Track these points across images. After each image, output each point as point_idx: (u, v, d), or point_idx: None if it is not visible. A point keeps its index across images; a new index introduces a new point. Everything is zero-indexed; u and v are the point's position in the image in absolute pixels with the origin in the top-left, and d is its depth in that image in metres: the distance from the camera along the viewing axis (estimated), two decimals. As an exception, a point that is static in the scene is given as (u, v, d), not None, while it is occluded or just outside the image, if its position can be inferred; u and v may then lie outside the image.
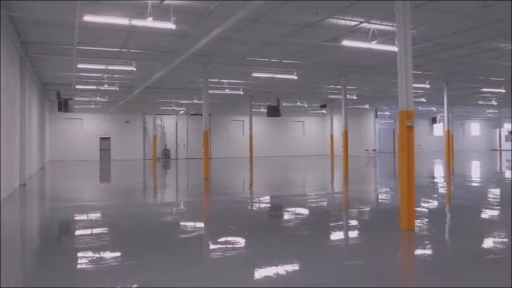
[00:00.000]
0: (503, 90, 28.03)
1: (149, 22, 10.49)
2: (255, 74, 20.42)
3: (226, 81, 23.73)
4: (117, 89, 24.04)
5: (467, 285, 4.73)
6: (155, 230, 7.98)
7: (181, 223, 8.67)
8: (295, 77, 20.48)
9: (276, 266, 5.44)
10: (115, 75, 21.32)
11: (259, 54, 17.07)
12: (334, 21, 12.68)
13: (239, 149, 41.17)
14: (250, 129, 31.64)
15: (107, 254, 6.08)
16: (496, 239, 6.93)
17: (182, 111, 39.69)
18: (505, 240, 6.87)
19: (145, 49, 15.79)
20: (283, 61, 18.33)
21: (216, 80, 22.85)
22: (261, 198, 12.73)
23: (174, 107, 36.48)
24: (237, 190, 15.39)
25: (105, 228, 8.08)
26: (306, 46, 15.71)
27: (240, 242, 6.87)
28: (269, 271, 5.28)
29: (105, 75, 21.21)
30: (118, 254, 6.15)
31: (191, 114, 40.84)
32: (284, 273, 5.22)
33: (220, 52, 16.27)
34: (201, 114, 19.50)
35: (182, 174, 23.53)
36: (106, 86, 23.19)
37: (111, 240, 7.08)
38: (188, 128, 42.05)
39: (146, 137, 40.25)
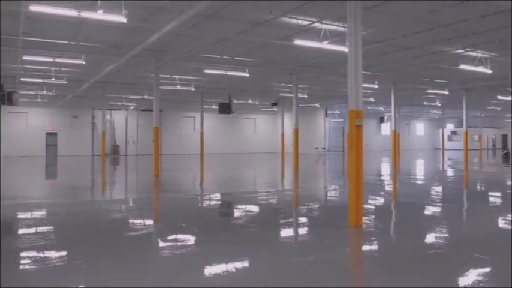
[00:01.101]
0: (446, 92, 29.15)
1: (99, 15, 10.22)
2: (207, 71, 20.33)
3: (178, 77, 23.50)
4: (65, 82, 23.36)
5: (411, 279, 4.89)
6: (103, 228, 7.81)
7: (131, 221, 8.51)
8: (247, 75, 20.55)
9: (226, 263, 5.44)
10: (63, 69, 20.67)
11: (211, 51, 17.00)
12: (286, 20, 12.81)
13: (190, 146, 40.92)
14: (202, 125, 31.48)
15: (52, 254, 5.90)
16: (438, 235, 7.19)
17: (132, 107, 39.02)
18: (446, 235, 7.16)
19: (95, 42, 15.39)
20: (236, 58, 18.34)
21: (168, 75, 22.61)
22: (211, 196, 12.69)
23: (124, 102, 35.79)
24: (187, 187, 15.27)
25: (51, 227, 7.83)
26: (259, 44, 15.78)
27: (191, 239, 6.82)
28: (219, 269, 5.27)
29: (53, 68, 20.53)
30: (64, 253, 5.97)
31: (141, 110, 40.21)
32: (234, 270, 5.23)
33: (172, 47, 16.09)
34: (152, 110, 19.25)
35: (132, 170, 23.12)
36: (53, 79, 22.47)
37: (57, 239, 6.87)
38: (138, 124, 41.38)
39: (95, 133, 39.30)
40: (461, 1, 11.16)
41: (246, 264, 5.54)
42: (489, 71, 19.27)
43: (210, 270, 5.24)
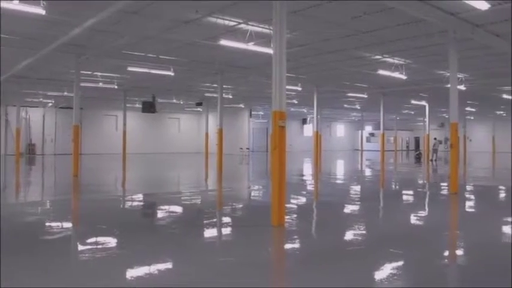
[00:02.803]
0: (365, 96, 30.38)
1: (15, 5, 9.68)
2: (130, 68, 19.83)
3: (100, 74, 22.70)
4: (-26, 76, 21.87)
5: (331, 275, 5.05)
6: (17, 232, 7.39)
7: (47, 224, 8.13)
8: (172, 74, 20.29)
9: (149, 265, 5.35)
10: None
11: (136, 48, 16.60)
12: (213, 20, 12.77)
13: (112, 145, 39.61)
14: (124, 124, 30.63)
15: (-41, 259, 5.51)
16: (357, 232, 7.50)
17: (51, 104, 37.18)
18: (364, 232, 7.48)
19: (10, 34, 14.50)
20: (160, 57, 18.04)
21: (89, 72, 21.77)
22: (133, 196, 12.40)
23: (41, 99, 34.02)
24: (108, 188, 14.83)
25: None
26: (184, 43, 15.62)
27: (111, 242, 6.64)
28: (141, 271, 5.17)
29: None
30: (-28, 258, 5.60)
31: (60, 108, 38.43)
32: (156, 272, 5.15)
33: (94, 43, 15.54)
34: (72, 108, 18.49)
35: (49, 170, 22.10)
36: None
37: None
38: (57, 122, 39.56)
39: (8, 130, 37.04)
40: (381, 12, 11.71)
41: (168, 265, 5.47)
42: (404, 77, 20.32)
43: (131, 273, 5.13)
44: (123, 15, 12.12)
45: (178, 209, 9.98)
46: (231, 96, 32.16)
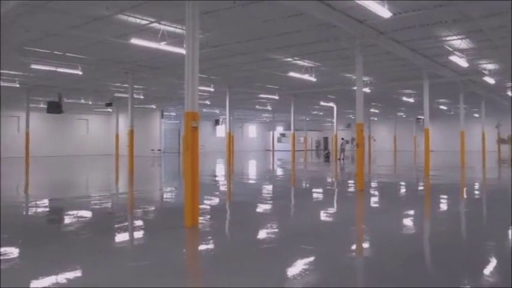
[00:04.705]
0: (276, 97, 31.03)
1: None
2: (34, 66, 18.74)
3: (-1, 71, 21.27)
4: None
5: (246, 274, 5.11)
6: None
7: None
8: (80, 72, 19.47)
9: (56, 274, 5.08)
10: None
11: (40, 45, 15.69)
12: (124, 17, 12.42)
13: (14, 148, 37.17)
14: (27, 126, 28.90)
15: None
16: (269, 230, 7.65)
17: None
18: (276, 230, 7.66)
19: None
20: (68, 54, 17.24)
21: (-14, 69, 20.33)
22: (38, 202, 11.73)
23: None
24: (9, 193, 13.90)
25: None
26: (93, 41, 15.05)
27: (14, 252, 6.22)
28: (47, 281, 4.88)
29: None
30: None
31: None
32: (65, 281, 4.91)
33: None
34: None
35: None
36: None
37: None
38: None
39: None
40: (292, 16, 12.03)
41: (77, 273, 5.24)
42: (313, 79, 21.02)
43: (35, 284, 4.84)
44: (25, 9, 11.45)
45: (87, 213, 9.60)
46: (142, 97, 31.48)
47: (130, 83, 21.27)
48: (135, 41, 13.61)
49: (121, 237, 7.36)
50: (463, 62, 17.21)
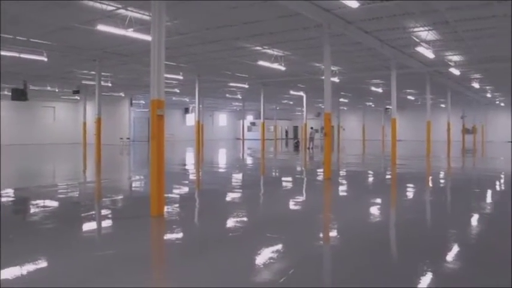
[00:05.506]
0: (246, 86, 30.99)
1: None
2: (-5, 52, 18.20)
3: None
4: None
5: (211, 263, 5.12)
6: None
7: None
8: (45, 59, 18.99)
9: (20, 266, 4.96)
10: None
11: (2, 30, 15.25)
12: (90, 3, 12.15)
13: (-24, 136, 36.18)
14: (-10, 113, 28.13)
15: None
16: (237, 219, 7.67)
17: None
18: (244, 219, 7.69)
19: None
20: (32, 40, 16.78)
21: None
22: (1, 192, 11.44)
23: None
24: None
25: None
26: (59, 27, 14.70)
27: (-26, 240, 6.07)
28: (7, 274, 4.74)
29: None
30: None
31: None
32: (25, 273, 4.79)
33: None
34: None
35: None
36: None
37: None
38: None
39: None
40: (259, 3, 11.98)
41: (42, 264, 5.12)
42: (283, 68, 21.06)
43: (-3, 272, 4.74)
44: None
45: (53, 203, 9.43)
46: (110, 84, 30.98)
47: (98, 70, 20.88)
48: (101, 27, 13.35)
49: (86, 226, 7.26)
50: (429, 53, 17.52)
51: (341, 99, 44.51)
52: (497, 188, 12.30)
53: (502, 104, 49.77)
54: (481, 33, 15.48)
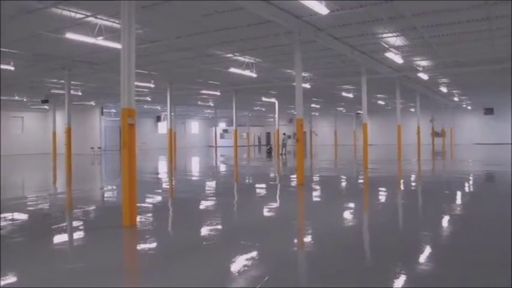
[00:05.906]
0: (218, 93, 30.95)
1: None
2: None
3: None
4: None
5: (183, 271, 5.07)
6: None
7: None
8: (13, 68, 18.61)
9: (-16, 279, 4.85)
10: None
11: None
12: (58, 11, 11.96)
13: None
14: (-45, 124, 27.39)
15: None
16: (210, 227, 7.62)
17: None
18: (218, 227, 7.65)
19: None
20: (-2, 49, 16.45)
21: None
22: (-33, 204, 11.12)
23: None
24: None
25: None
26: (26, 35, 14.42)
27: None
28: (-25, 286, 4.66)
29: None
30: None
31: None
32: (-6, 285, 4.69)
33: None
34: None
35: None
36: None
37: None
38: None
39: None
40: (231, 11, 12.02)
41: (10, 279, 4.99)
42: (254, 75, 21.13)
43: (-37, 288, 4.61)
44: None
45: (21, 216, 9.20)
46: (80, 93, 30.54)
47: (67, 79, 20.56)
48: (70, 35, 13.18)
49: (57, 239, 7.10)
50: (398, 59, 17.84)
51: (313, 105, 44.90)
52: (467, 189, 12.56)
53: (469, 108, 51.00)
54: (447, 39, 15.85)
